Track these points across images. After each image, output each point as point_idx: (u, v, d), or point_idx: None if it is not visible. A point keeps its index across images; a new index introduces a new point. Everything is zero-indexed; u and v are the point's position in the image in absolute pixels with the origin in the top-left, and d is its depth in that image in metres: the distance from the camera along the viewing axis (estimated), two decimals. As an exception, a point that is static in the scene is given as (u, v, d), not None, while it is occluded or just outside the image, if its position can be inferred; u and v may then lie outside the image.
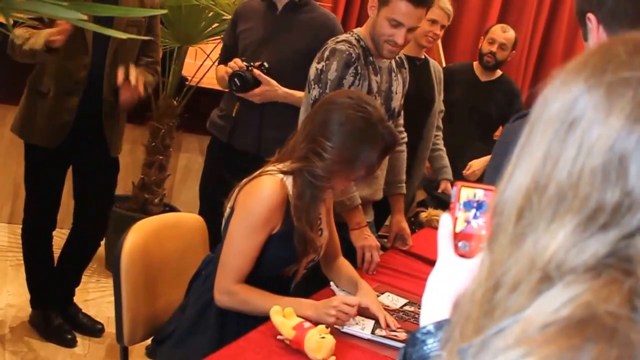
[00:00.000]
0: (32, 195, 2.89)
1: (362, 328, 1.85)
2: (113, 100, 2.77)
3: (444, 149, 3.51)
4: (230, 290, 1.85)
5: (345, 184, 2.00)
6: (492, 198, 0.85)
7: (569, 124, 0.61)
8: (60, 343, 2.92)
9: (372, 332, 1.84)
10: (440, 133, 3.47)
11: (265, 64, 2.74)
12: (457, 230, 0.89)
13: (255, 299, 1.85)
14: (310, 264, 2.01)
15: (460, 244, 0.89)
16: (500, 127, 3.89)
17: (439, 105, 3.29)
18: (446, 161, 3.51)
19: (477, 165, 3.82)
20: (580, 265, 0.57)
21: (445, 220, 0.89)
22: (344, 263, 2.17)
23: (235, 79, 2.71)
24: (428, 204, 3.39)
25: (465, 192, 0.89)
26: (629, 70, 0.59)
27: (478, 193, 0.89)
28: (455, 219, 0.89)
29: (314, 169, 1.85)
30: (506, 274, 0.61)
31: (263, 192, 1.84)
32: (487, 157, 3.86)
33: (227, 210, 1.93)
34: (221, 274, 1.87)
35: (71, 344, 2.92)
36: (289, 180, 1.87)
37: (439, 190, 3.51)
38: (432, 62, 3.25)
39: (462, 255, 0.88)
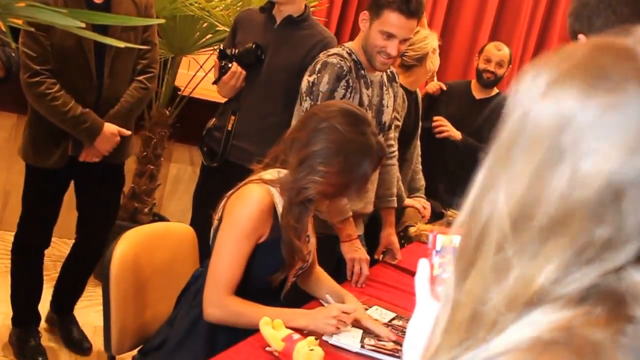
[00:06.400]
0: (29, 214, 2.84)
1: (352, 336, 1.85)
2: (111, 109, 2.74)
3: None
4: (222, 303, 1.82)
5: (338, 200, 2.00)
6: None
7: (560, 151, 0.55)
8: None
9: (361, 341, 1.84)
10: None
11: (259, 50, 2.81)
12: (434, 274, 0.89)
13: (248, 310, 1.81)
14: (299, 272, 2.01)
15: (438, 288, 0.89)
16: None
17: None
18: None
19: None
20: (564, 296, 0.54)
21: (422, 265, 0.88)
22: (322, 272, 2.16)
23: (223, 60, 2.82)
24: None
25: (441, 239, 0.89)
26: (624, 95, 0.54)
27: (454, 240, 0.89)
28: (431, 265, 0.89)
29: (307, 191, 1.84)
30: (486, 305, 0.57)
31: (249, 200, 1.83)
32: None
33: (215, 222, 1.92)
34: (211, 286, 1.83)
35: None
36: (274, 189, 1.87)
37: None
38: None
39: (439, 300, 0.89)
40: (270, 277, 1.90)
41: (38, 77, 2.58)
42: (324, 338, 1.81)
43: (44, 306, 3.04)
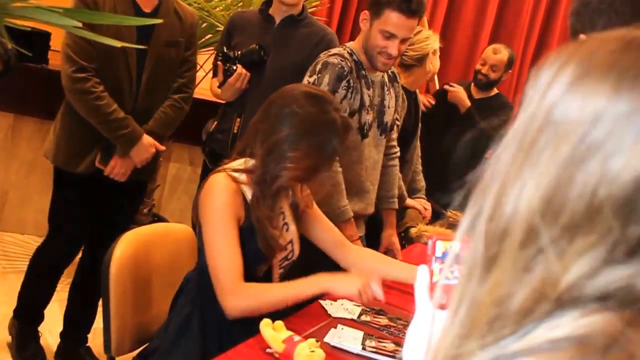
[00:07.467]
0: (57, 233, 2.73)
1: (353, 338, 1.84)
2: (144, 122, 2.66)
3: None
4: (239, 292, 1.77)
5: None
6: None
7: (587, 147, 0.53)
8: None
9: (362, 343, 1.83)
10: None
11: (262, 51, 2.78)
12: (434, 281, 0.88)
13: (266, 288, 1.83)
14: (286, 264, 1.98)
15: (438, 294, 0.89)
16: None
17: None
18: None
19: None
20: (593, 296, 0.52)
21: (421, 272, 0.88)
22: (363, 250, 2.15)
23: (227, 63, 2.81)
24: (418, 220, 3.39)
25: (441, 246, 0.89)
26: None
27: (454, 246, 0.89)
28: (431, 272, 0.88)
29: (279, 179, 1.83)
30: (512, 297, 0.55)
31: (216, 189, 1.82)
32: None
33: (198, 223, 1.90)
34: (218, 284, 1.79)
35: None
36: (240, 176, 1.85)
37: None
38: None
39: (439, 307, 0.88)
40: (255, 268, 1.88)
41: (84, 73, 2.50)
42: (325, 340, 1.80)
43: (54, 338, 2.95)
